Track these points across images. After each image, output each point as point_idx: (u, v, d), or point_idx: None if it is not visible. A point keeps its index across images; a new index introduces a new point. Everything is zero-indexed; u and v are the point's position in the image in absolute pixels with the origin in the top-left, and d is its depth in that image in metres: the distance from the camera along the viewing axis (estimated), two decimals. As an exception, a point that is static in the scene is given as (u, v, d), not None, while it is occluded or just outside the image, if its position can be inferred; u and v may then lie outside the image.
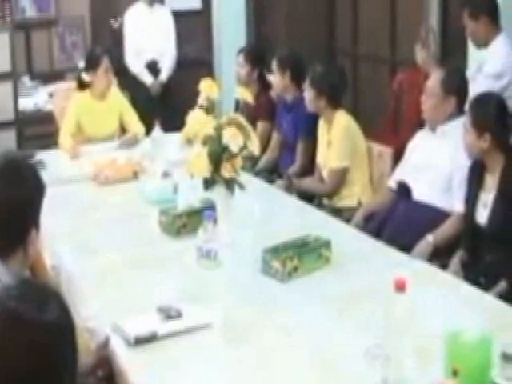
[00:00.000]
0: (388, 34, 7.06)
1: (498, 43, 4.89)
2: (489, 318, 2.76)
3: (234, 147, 3.45)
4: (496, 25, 4.92)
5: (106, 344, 2.69)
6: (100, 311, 2.95)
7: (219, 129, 3.49)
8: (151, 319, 2.77)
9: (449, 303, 2.95)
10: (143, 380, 2.53)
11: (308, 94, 4.87)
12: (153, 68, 7.43)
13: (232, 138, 3.46)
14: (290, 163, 5.25)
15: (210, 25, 8.19)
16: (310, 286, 3.13)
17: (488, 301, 3.07)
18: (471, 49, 5.40)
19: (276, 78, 5.44)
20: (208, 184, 3.51)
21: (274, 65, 5.42)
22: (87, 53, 6.18)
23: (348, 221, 4.30)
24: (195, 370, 2.54)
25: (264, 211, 3.92)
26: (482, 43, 4.97)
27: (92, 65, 5.57)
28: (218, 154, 3.46)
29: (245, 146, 3.49)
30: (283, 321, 2.85)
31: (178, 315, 2.79)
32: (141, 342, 2.67)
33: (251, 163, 4.85)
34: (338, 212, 4.53)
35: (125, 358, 2.64)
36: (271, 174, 5.36)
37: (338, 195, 4.78)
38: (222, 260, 3.24)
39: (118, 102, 5.72)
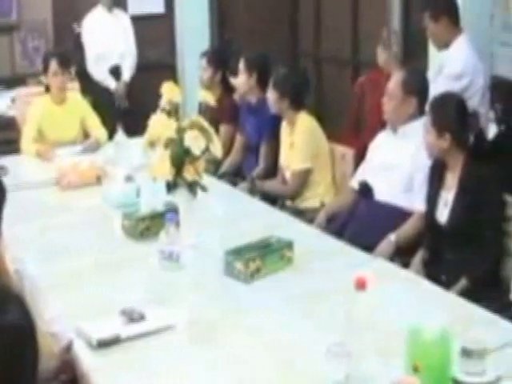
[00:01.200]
0: (350, 35, 7.11)
1: (459, 44, 4.94)
2: (450, 315, 2.78)
3: (196, 150, 3.46)
4: (456, 26, 4.98)
5: (69, 348, 2.68)
6: (63, 315, 2.93)
7: (181, 132, 3.49)
8: (114, 322, 2.76)
9: (410, 301, 2.97)
10: (107, 383, 2.52)
11: (271, 95, 4.88)
12: (115, 72, 7.44)
13: (194, 141, 3.46)
14: (253, 165, 5.26)
15: (173, 29, 8.19)
16: (272, 286, 3.15)
17: (449, 298, 3.11)
18: (432, 50, 5.46)
19: (242, 79, 5.44)
20: (170, 187, 3.52)
21: (241, 65, 5.42)
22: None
23: (311, 222, 4.33)
24: (159, 371, 2.53)
25: (227, 213, 3.94)
26: (443, 44, 5.01)
27: (44, 68, 5.58)
28: (181, 157, 3.46)
29: (207, 149, 3.50)
30: (246, 321, 2.86)
31: (141, 318, 2.79)
32: (104, 345, 2.66)
33: (214, 166, 4.86)
34: (300, 213, 4.55)
35: (88, 361, 2.62)
36: (235, 176, 5.38)
37: (301, 196, 4.81)
38: (185, 262, 3.26)
39: (79, 107, 5.70)
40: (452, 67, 4.88)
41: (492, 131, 5.28)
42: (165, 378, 2.50)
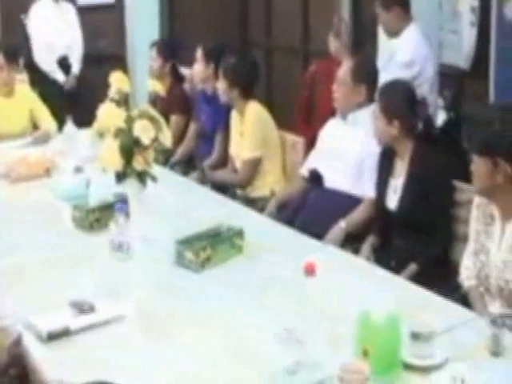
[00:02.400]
0: (301, 25, 7.12)
1: (409, 33, 4.98)
2: (399, 300, 2.82)
3: (146, 139, 3.44)
4: (407, 15, 5.01)
5: (18, 342, 2.65)
6: (14, 310, 2.90)
7: (130, 121, 3.47)
8: (64, 315, 2.74)
9: (360, 286, 3.00)
10: (58, 376, 2.50)
11: (221, 85, 4.87)
12: (63, 63, 7.40)
13: (143, 131, 3.45)
14: (206, 154, 5.26)
15: (122, 19, 8.14)
16: (223, 275, 3.15)
17: (399, 283, 3.14)
18: (381, 39, 5.50)
19: (199, 68, 5.41)
20: (120, 177, 3.50)
21: (199, 54, 5.40)
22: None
23: (261, 210, 4.34)
24: (109, 363, 2.52)
25: (178, 203, 3.94)
26: (394, 33, 5.05)
27: None
28: (130, 147, 3.44)
29: (156, 139, 3.48)
30: (198, 310, 2.86)
31: (91, 309, 2.77)
32: (53, 337, 2.64)
33: (165, 156, 4.84)
34: (251, 202, 4.56)
35: (38, 354, 2.60)
36: (187, 166, 5.37)
37: (251, 185, 4.81)
38: (136, 252, 3.25)
39: (28, 99, 5.65)
40: (402, 55, 4.92)
41: (441, 118, 5.34)
42: (116, 369, 2.48)
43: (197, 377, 2.43)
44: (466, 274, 3.25)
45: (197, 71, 5.45)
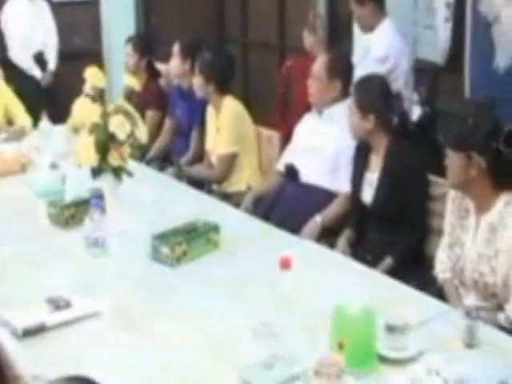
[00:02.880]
0: (277, 20, 7.13)
1: (383, 28, 4.99)
2: (375, 293, 2.83)
3: (121, 135, 3.44)
4: (381, 10, 5.02)
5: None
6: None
7: (106, 117, 3.47)
8: (39, 311, 2.73)
9: (336, 280, 3.01)
10: (33, 372, 2.49)
11: (197, 80, 4.87)
12: (39, 59, 7.37)
13: (119, 126, 3.44)
14: (183, 150, 5.26)
15: (98, 15, 8.11)
16: (199, 270, 3.15)
17: (374, 277, 3.15)
18: (357, 34, 5.51)
19: (175, 63, 5.40)
20: (96, 173, 3.49)
21: (176, 50, 5.38)
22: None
23: (238, 205, 4.34)
24: (86, 358, 2.51)
25: (154, 199, 3.93)
26: (368, 28, 5.06)
27: None
28: (105, 143, 3.44)
29: (132, 134, 3.48)
30: (174, 305, 2.86)
31: (67, 305, 2.76)
32: (29, 333, 2.63)
33: (141, 151, 4.84)
34: (227, 197, 4.57)
35: (14, 350, 2.59)
36: (163, 161, 5.36)
37: (228, 181, 4.82)
38: (111, 248, 3.24)
39: (2, 95, 5.61)
40: (377, 51, 4.92)
41: (416, 113, 5.36)
42: (91, 364, 2.48)
43: (173, 371, 2.43)
44: (441, 268, 3.28)
45: (173, 67, 5.44)
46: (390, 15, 5.06)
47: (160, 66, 5.92)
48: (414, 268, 3.56)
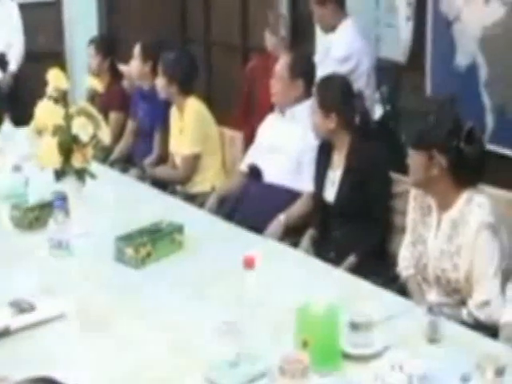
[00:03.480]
0: (239, 21, 7.13)
1: (344, 28, 5.01)
2: (339, 291, 2.85)
3: (84, 137, 3.43)
4: (342, 10, 5.05)
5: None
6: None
7: (68, 119, 3.45)
8: (3, 314, 2.71)
9: (300, 279, 3.03)
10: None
11: (160, 81, 4.87)
12: (1, 60, 7.30)
13: (82, 128, 3.43)
14: (145, 152, 5.25)
15: (60, 16, 8.07)
16: (164, 270, 3.16)
17: (338, 274, 3.18)
18: (319, 34, 5.54)
19: (136, 65, 5.39)
20: (59, 175, 3.47)
21: (137, 51, 5.38)
22: None
23: (202, 206, 4.35)
24: (51, 361, 2.50)
25: (117, 200, 3.92)
26: (329, 28, 5.08)
27: None
28: (68, 145, 3.42)
29: (95, 136, 3.47)
30: (138, 306, 2.86)
31: (32, 308, 2.74)
32: (-7, 337, 2.62)
33: (104, 153, 4.83)
34: (191, 198, 4.57)
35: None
36: (126, 163, 5.35)
37: (191, 181, 4.82)
38: (75, 250, 3.23)
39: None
40: (338, 50, 4.95)
41: (378, 112, 5.40)
42: (58, 366, 2.46)
43: (138, 372, 2.43)
44: (404, 265, 3.31)
45: (134, 68, 5.43)
46: (351, 14, 5.09)
47: (123, 68, 5.91)
48: (378, 265, 3.59)
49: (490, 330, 2.85)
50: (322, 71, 4.37)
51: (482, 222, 2.95)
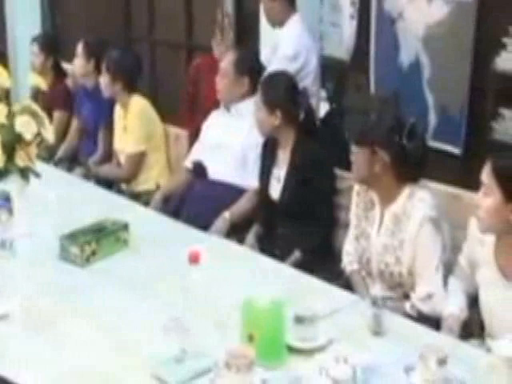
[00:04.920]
0: (184, 19, 7.11)
1: (293, 24, 4.99)
2: (284, 286, 2.86)
3: (28, 135, 3.39)
4: (292, 5, 5.03)
5: None
6: None
7: (12, 117, 3.41)
8: None
9: (246, 275, 3.04)
10: None
11: (103, 79, 4.85)
12: None
13: (25, 126, 3.39)
14: (90, 150, 5.22)
15: (3, 14, 7.97)
16: (109, 268, 3.15)
17: (283, 270, 3.20)
18: (264, 33, 5.54)
19: (79, 63, 5.35)
20: (2, 174, 3.43)
21: (80, 49, 5.34)
22: None
23: (147, 204, 4.34)
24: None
25: (62, 199, 3.87)
26: (277, 23, 5.05)
27: None
28: (12, 143, 3.38)
29: (39, 134, 3.44)
30: (84, 305, 2.85)
31: (-26, 308, 2.72)
32: None
33: (48, 152, 4.79)
34: (136, 196, 4.55)
35: None
36: (71, 162, 5.31)
37: (136, 180, 4.81)
38: (20, 249, 3.20)
39: None
40: (286, 48, 4.93)
41: (324, 109, 5.43)
42: (2, 366, 2.45)
43: (83, 371, 2.42)
44: (348, 260, 3.35)
45: (77, 66, 5.40)
46: (299, 11, 5.09)
47: (66, 66, 5.86)
48: (323, 261, 3.62)
49: (433, 322, 2.90)
50: (270, 69, 4.37)
51: (424, 217, 3.00)
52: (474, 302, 2.91)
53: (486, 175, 2.62)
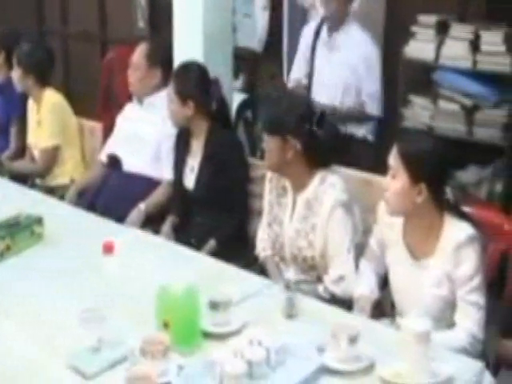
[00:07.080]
0: (97, 12, 7.06)
1: None
2: (199, 274, 2.90)
3: None
4: None
5: None
6: None
7: None
8: None
9: (162, 265, 3.06)
10: None
11: (15, 73, 4.79)
12: None
13: None
14: (2, 146, 5.14)
15: None
16: (24, 263, 3.13)
17: (199, 259, 3.23)
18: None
19: None
20: None
21: None
22: None
23: (62, 198, 4.32)
24: None
25: (-26, 195, 3.84)
26: None
27: None
28: None
29: None
30: (0, 300, 2.83)
31: None
32: None
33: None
34: (51, 191, 4.52)
35: None
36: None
37: (51, 174, 4.78)
38: None
39: None
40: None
41: (237, 100, 5.47)
42: None
43: (1, 367, 2.41)
44: (262, 246, 3.40)
45: None
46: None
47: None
48: (238, 248, 3.67)
49: (346, 303, 2.98)
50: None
51: (335, 201, 3.07)
52: (385, 282, 2.99)
53: (393, 158, 2.70)
